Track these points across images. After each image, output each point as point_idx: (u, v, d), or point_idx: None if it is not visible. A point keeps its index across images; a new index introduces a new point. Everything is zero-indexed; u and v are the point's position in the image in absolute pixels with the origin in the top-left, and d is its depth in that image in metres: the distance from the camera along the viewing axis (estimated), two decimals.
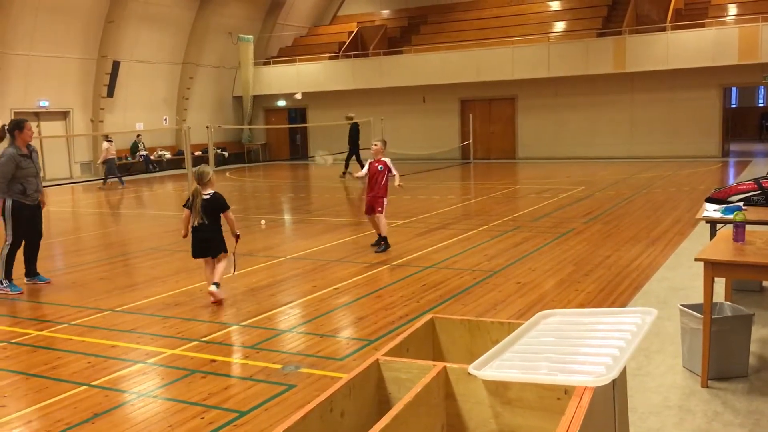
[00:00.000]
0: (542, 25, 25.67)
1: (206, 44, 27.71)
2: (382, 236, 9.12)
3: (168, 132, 27.55)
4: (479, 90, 25.64)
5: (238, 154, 29.33)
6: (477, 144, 25.62)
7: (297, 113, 30.42)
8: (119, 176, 20.57)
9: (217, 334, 5.87)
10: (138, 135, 25.43)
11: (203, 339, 5.74)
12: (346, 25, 30.76)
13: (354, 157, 20.23)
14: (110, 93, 24.57)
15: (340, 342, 5.63)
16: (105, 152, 20.09)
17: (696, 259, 4.28)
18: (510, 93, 25.37)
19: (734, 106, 31.55)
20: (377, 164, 9.53)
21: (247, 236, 10.32)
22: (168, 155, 26.90)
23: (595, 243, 9.12)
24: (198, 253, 6.85)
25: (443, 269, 7.95)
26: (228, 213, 6.80)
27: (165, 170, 25.91)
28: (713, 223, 5.83)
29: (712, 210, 5.87)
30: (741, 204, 5.89)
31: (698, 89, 22.58)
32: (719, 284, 5.34)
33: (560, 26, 25.52)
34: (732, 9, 23.23)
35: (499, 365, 2.57)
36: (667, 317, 5.66)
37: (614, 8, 25.42)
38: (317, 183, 19.78)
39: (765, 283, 6.49)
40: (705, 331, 4.28)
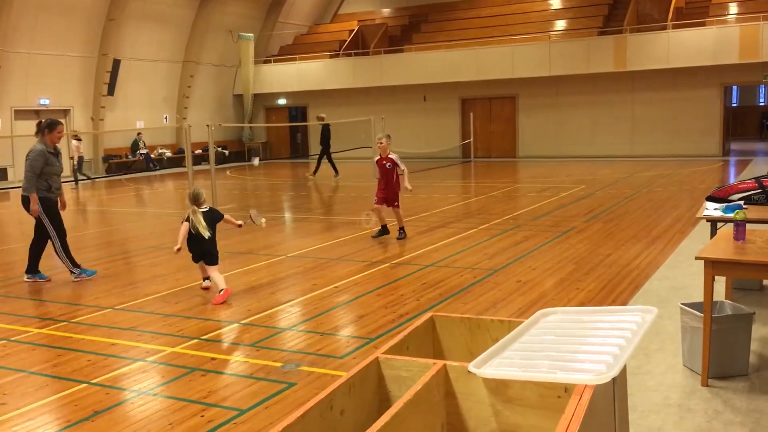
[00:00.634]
0: (543, 24, 25.66)
1: (207, 42, 27.71)
2: (400, 227, 9.81)
3: (168, 130, 27.55)
4: (480, 89, 25.63)
5: (239, 153, 29.35)
6: (477, 143, 25.61)
7: (298, 112, 30.43)
8: (79, 176, 20.49)
9: (218, 332, 5.88)
10: (138, 133, 25.44)
11: (203, 337, 5.74)
12: (347, 24, 30.76)
13: (326, 158, 20.21)
14: (111, 91, 24.57)
15: (340, 340, 5.62)
16: (76, 150, 20.10)
17: (696, 258, 4.28)
18: (511, 92, 25.36)
19: (735, 105, 31.56)
20: (385, 162, 9.53)
21: (248, 234, 10.33)
22: (168, 153, 26.93)
23: (596, 242, 9.12)
24: (198, 259, 7.14)
25: (443, 267, 7.94)
26: (225, 217, 7.22)
27: (165, 168, 25.94)
28: (714, 222, 5.81)
29: (713, 209, 5.85)
30: (741, 203, 5.88)
31: (699, 88, 22.57)
32: (720, 283, 5.33)
33: (561, 25, 25.49)
34: (733, 8, 23.22)
35: (500, 363, 2.57)
36: (668, 316, 5.66)
37: (615, 7, 25.41)
38: (317, 182, 19.78)
39: (765, 282, 6.49)
40: (705, 330, 4.28)
